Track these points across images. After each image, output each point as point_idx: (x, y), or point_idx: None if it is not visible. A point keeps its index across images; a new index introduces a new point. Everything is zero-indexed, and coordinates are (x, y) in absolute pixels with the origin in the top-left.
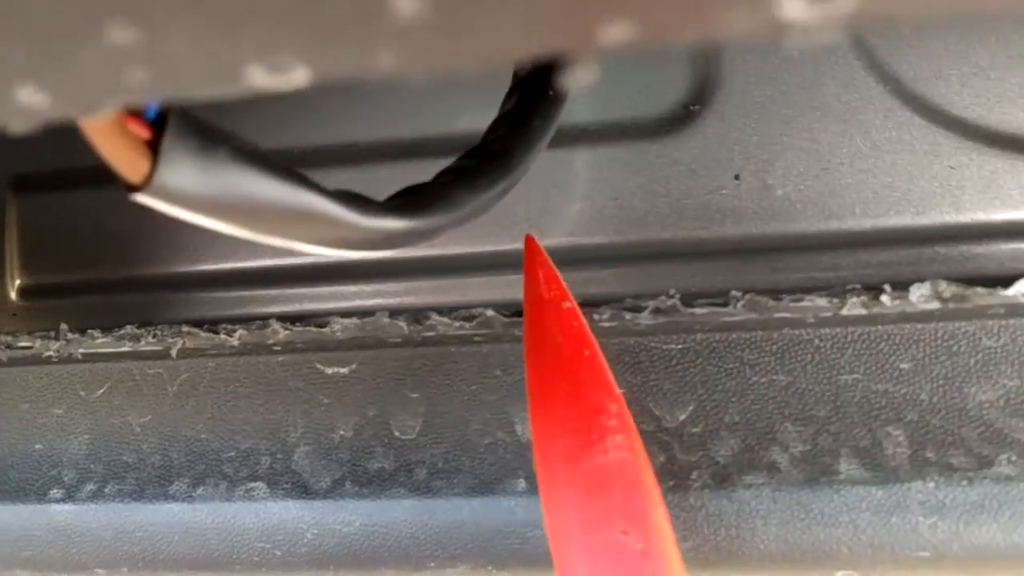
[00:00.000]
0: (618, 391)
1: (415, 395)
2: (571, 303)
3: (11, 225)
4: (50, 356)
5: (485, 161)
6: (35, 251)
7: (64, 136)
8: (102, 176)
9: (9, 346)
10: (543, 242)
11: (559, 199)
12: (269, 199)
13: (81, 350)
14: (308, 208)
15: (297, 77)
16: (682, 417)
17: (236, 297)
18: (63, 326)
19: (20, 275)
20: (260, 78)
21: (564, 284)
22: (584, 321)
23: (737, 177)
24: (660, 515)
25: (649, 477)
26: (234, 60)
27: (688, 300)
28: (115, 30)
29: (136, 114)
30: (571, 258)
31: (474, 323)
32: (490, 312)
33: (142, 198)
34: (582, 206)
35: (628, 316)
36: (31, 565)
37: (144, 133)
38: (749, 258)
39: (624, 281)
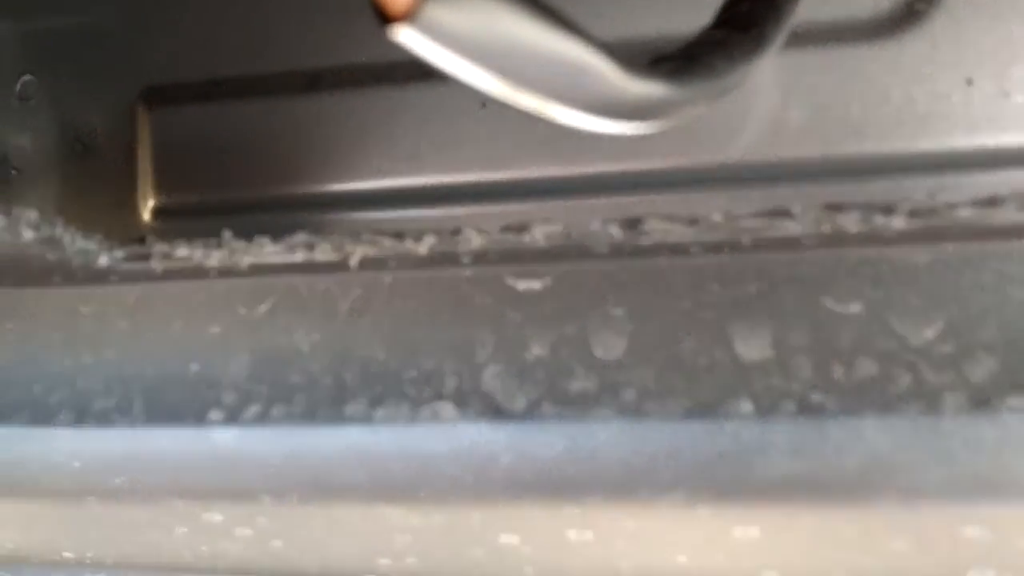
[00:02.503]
0: None
1: (619, 312)
2: None
3: (143, 141)
4: (211, 267)
5: (738, 31)
6: (170, 169)
7: (197, 43)
8: (242, 87)
9: (166, 255)
10: (750, 156)
11: (766, 107)
12: (537, 44)
13: (247, 259)
14: (577, 60)
15: None
16: (930, 335)
17: (389, 218)
18: (227, 233)
19: (154, 195)
20: None
21: None
22: None
23: (969, 82)
24: None
25: None
26: None
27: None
28: None
29: None
30: (781, 172)
31: (697, 228)
32: (717, 216)
33: (403, 33)
34: (792, 115)
35: (879, 219)
36: (191, 493)
37: None
38: (984, 171)
39: (839, 198)
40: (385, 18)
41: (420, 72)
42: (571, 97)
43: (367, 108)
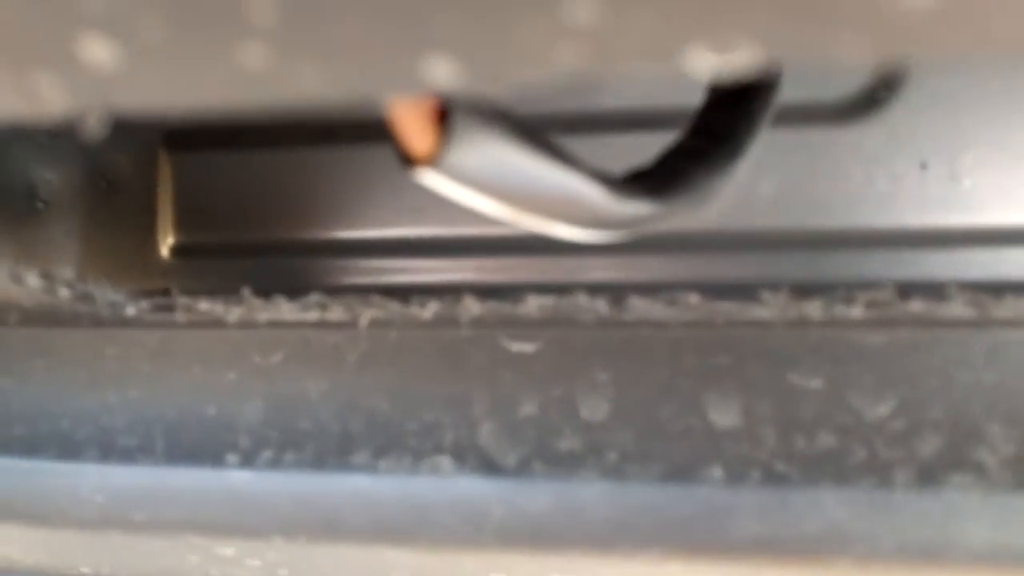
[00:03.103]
0: None
1: (604, 377)
2: None
3: (165, 182)
4: (230, 321)
5: (714, 143)
6: (189, 209)
7: None
8: (261, 135)
9: (188, 308)
10: (721, 222)
11: (740, 179)
12: (540, 177)
13: (264, 315)
14: (573, 188)
15: (742, 57)
16: (883, 412)
17: (393, 267)
18: (245, 290)
19: (173, 233)
20: (701, 58)
21: None
22: None
23: (924, 166)
24: None
25: None
26: (676, 37)
27: (905, 293)
28: (575, 5)
29: None
30: (750, 242)
31: (677, 307)
32: (694, 298)
33: (427, 176)
34: (763, 188)
35: (840, 307)
36: (207, 530)
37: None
38: (934, 249)
39: (802, 269)
40: (409, 161)
41: None
42: (568, 218)
43: (376, 162)
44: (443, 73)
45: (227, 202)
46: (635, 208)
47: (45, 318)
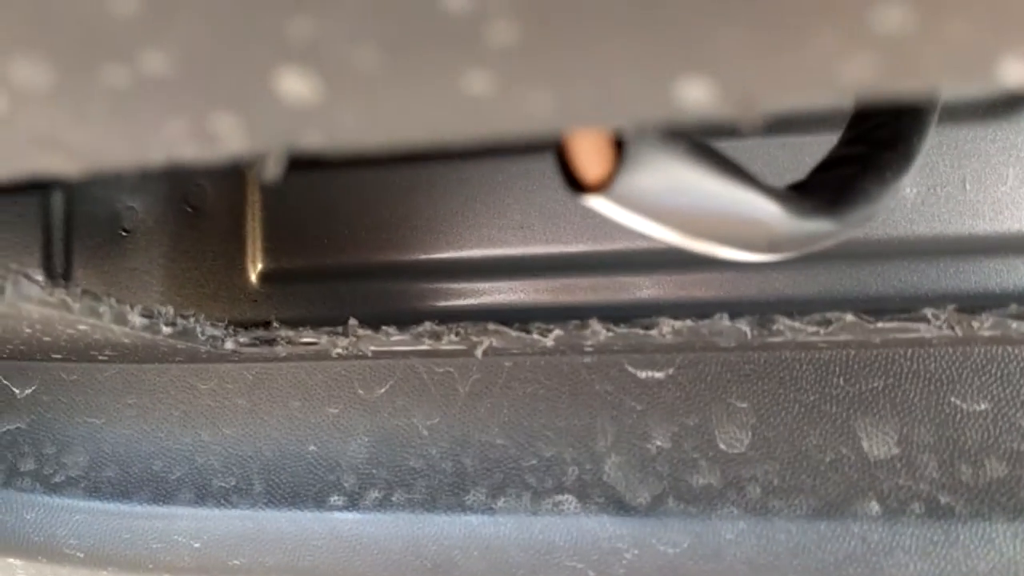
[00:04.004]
0: None
1: (743, 404)
2: None
3: (253, 205)
4: (337, 353)
5: (882, 148)
6: (278, 234)
7: None
8: (352, 156)
9: (290, 341)
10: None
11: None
12: (716, 199)
13: (372, 347)
14: (749, 209)
15: None
16: None
17: (496, 287)
18: (352, 321)
19: (262, 258)
20: (1014, 69)
21: None
22: None
23: None
24: None
25: None
26: (990, 46)
27: None
28: (886, 11)
29: None
30: (890, 250)
31: (830, 328)
32: (850, 317)
33: (598, 201)
34: (908, 192)
35: (1013, 324)
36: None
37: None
38: None
39: (957, 278)
40: (578, 186)
41: (531, 144)
42: (743, 240)
43: (476, 177)
44: (700, 96)
45: (318, 224)
46: (812, 226)
47: (137, 353)
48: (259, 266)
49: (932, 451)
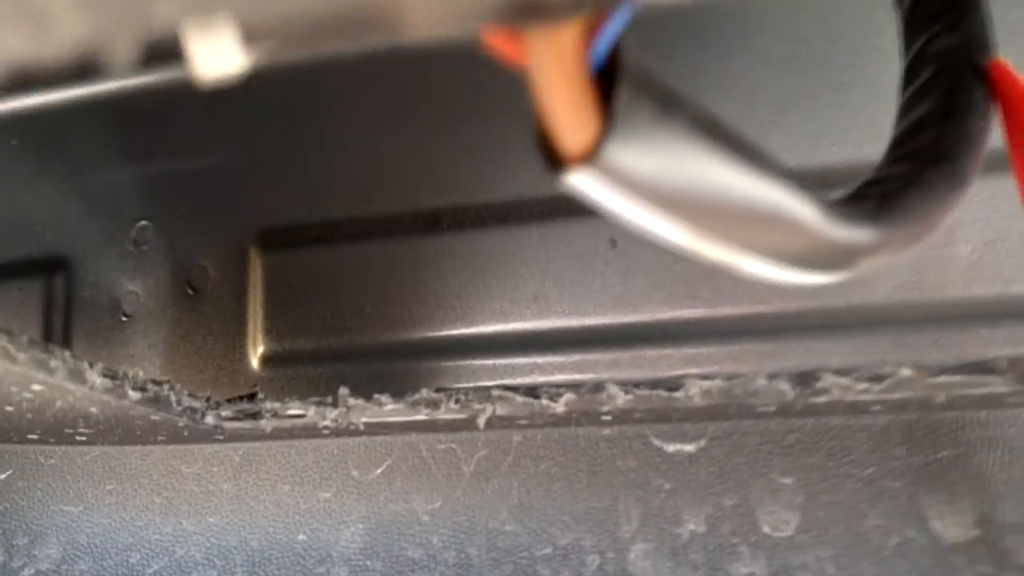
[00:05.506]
0: None
1: (788, 480)
2: None
3: (255, 284)
4: (325, 427)
5: (927, 166)
6: (281, 314)
7: (314, 184)
8: (358, 228)
9: (276, 414)
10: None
11: (947, 239)
12: (730, 187)
13: (364, 419)
14: (774, 203)
15: None
16: None
17: (511, 364)
18: (343, 390)
19: (264, 341)
20: None
21: None
22: None
23: None
24: None
25: None
26: None
27: None
28: None
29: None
30: (946, 314)
31: (883, 385)
32: (906, 371)
33: (578, 179)
34: (960, 250)
35: None
36: None
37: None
38: None
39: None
40: (556, 161)
41: (545, 211)
42: (764, 247)
43: (488, 248)
44: None
45: (322, 302)
46: (853, 236)
47: (114, 432)
48: (260, 349)
49: (1019, 533)
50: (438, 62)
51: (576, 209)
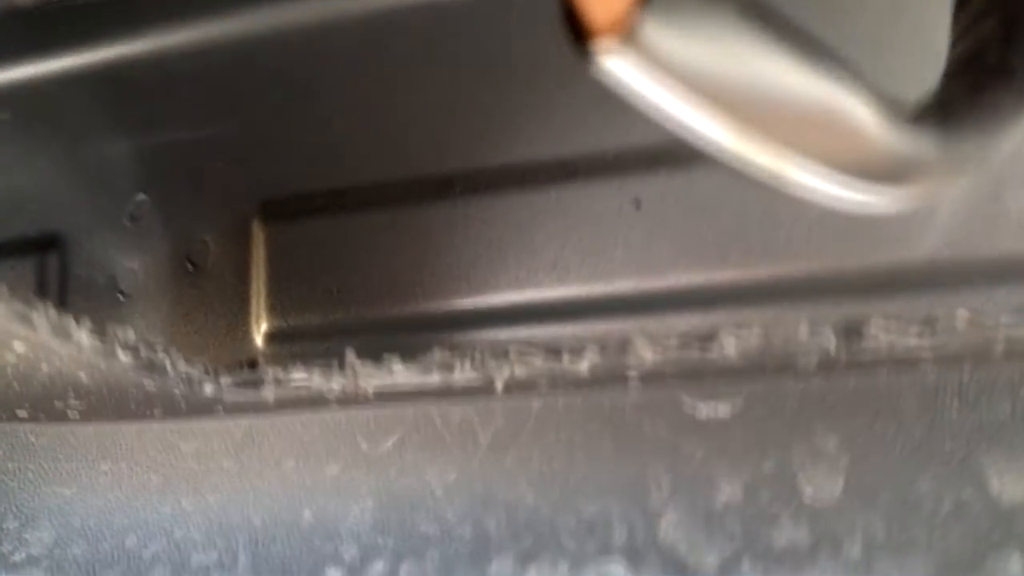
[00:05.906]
0: None
1: (831, 442)
2: None
3: (258, 258)
4: (331, 395)
5: (990, 79)
6: (286, 288)
7: (318, 152)
8: (366, 196)
9: (279, 381)
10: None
11: (995, 193)
12: (779, 76)
13: (374, 384)
14: (829, 99)
15: None
16: None
17: (530, 334)
18: (350, 353)
19: (268, 317)
20: None
21: None
22: None
23: None
24: None
25: None
26: None
27: None
28: None
29: None
30: (1001, 270)
31: (936, 333)
32: (962, 314)
33: (609, 56)
34: (1010, 204)
35: None
36: None
37: None
38: None
39: None
40: (583, 35)
41: (563, 172)
42: (818, 149)
43: (504, 213)
44: None
45: (328, 276)
46: (917, 147)
47: (108, 405)
48: (264, 325)
49: None
50: (446, 20)
51: (597, 169)
